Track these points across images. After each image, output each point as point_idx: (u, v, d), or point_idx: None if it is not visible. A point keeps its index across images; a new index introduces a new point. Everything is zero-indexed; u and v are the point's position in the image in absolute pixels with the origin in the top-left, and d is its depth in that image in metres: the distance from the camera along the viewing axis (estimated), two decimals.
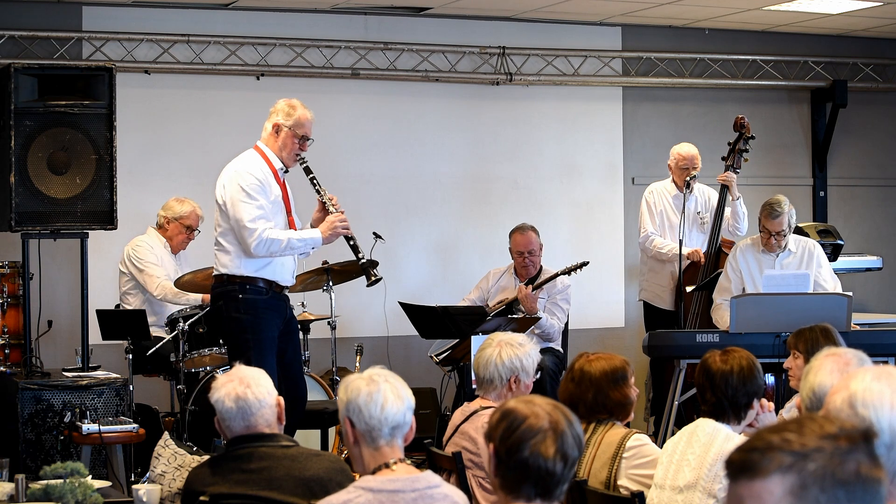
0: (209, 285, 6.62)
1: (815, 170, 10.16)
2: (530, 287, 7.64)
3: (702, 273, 7.75)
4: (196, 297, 7.25)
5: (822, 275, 7.26)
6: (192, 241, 7.68)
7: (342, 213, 5.93)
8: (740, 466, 1.71)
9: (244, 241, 5.70)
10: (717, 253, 7.77)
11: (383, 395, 3.07)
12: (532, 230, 7.95)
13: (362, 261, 6.00)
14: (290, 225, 5.91)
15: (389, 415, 3.05)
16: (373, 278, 6.04)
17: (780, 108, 10.07)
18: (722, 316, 7.09)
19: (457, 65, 9.18)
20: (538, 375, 4.60)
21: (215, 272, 5.91)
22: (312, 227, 6.00)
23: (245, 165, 5.81)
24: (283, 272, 5.88)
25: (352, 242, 5.98)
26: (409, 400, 3.12)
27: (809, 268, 7.25)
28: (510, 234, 8.02)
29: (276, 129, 5.86)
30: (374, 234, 7.65)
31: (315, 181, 5.94)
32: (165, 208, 7.65)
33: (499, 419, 2.64)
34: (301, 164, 5.91)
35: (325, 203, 5.95)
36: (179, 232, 7.61)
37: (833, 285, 7.27)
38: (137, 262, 7.47)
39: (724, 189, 7.81)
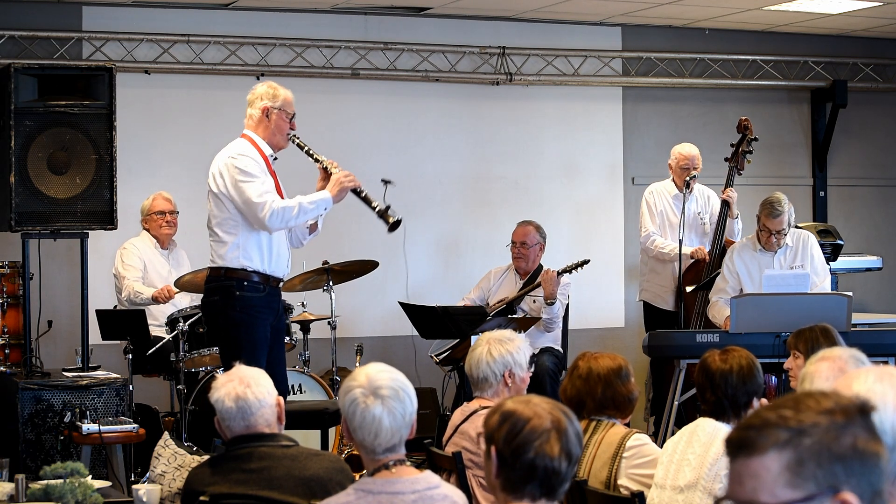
0: None
1: (815, 170, 10.16)
2: (555, 272, 7.66)
3: (705, 273, 7.75)
4: (148, 296, 7.32)
5: (815, 266, 7.26)
6: (175, 224, 7.69)
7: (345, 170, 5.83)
8: (738, 444, 1.72)
9: (256, 217, 5.61)
10: (722, 254, 7.77)
11: (377, 422, 3.02)
12: (533, 225, 8.00)
13: (378, 208, 5.82)
14: None
15: (384, 440, 3.03)
16: (391, 221, 5.81)
17: (780, 108, 10.07)
18: (720, 311, 7.10)
19: (457, 65, 9.18)
20: (532, 368, 4.61)
21: (211, 264, 5.81)
22: None
23: (236, 150, 5.74)
24: (280, 262, 5.81)
25: (363, 194, 5.84)
26: (410, 412, 3.07)
27: (805, 259, 7.25)
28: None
29: (266, 112, 5.77)
30: (383, 180, 7.60)
31: (311, 151, 5.84)
32: (140, 212, 7.72)
33: (500, 421, 2.63)
34: (293, 141, 5.84)
35: (325, 168, 5.85)
36: (157, 221, 7.66)
37: (823, 278, 7.27)
38: (119, 266, 7.54)
39: (724, 203, 7.83)
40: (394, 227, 5.85)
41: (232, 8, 8.64)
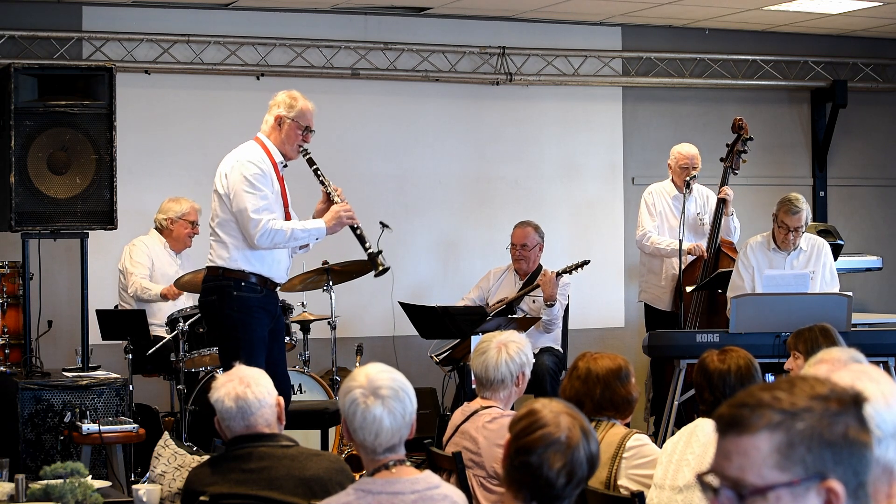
0: None
1: (815, 170, 10.16)
2: (554, 273, 7.66)
3: (702, 273, 7.74)
4: (156, 293, 7.36)
5: (825, 275, 7.27)
6: (196, 234, 7.71)
7: (347, 203, 5.84)
8: (729, 421, 1.72)
9: (247, 231, 5.63)
10: (717, 253, 7.77)
11: (378, 422, 3.02)
12: (531, 226, 7.99)
13: (370, 250, 5.85)
14: (287, 219, 5.86)
15: (384, 441, 3.03)
16: (380, 268, 5.87)
17: (780, 108, 10.07)
18: None
19: (457, 65, 9.18)
20: None
21: (210, 263, 5.81)
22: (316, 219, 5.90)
23: (248, 155, 5.72)
24: (279, 269, 5.83)
25: (358, 232, 5.85)
26: (410, 412, 3.07)
27: (817, 265, 7.26)
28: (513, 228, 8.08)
29: (279, 121, 5.77)
30: (381, 223, 7.61)
31: (319, 172, 5.84)
32: (164, 211, 7.67)
33: (524, 415, 2.64)
34: (304, 155, 5.83)
35: (329, 194, 5.86)
36: (185, 228, 7.65)
37: (832, 287, 7.27)
38: (127, 261, 7.53)
39: (721, 201, 7.82)
40: (381, 272, 5.92)
41: (232, 8, 8.64)
